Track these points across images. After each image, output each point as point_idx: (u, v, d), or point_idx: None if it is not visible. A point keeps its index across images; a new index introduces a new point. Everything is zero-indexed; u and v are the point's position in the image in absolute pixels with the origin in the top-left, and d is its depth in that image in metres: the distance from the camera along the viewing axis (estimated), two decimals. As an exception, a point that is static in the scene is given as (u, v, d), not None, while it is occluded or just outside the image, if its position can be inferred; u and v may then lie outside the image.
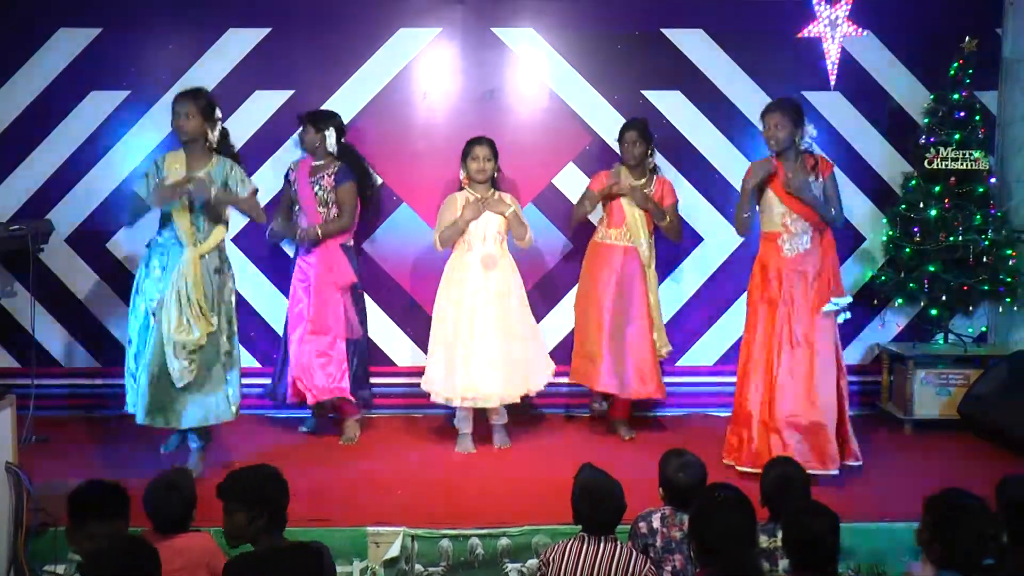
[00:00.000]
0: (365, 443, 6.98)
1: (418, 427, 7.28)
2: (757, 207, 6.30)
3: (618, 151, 7.11)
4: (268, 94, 7.44)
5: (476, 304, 6.68)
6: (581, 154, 7.59)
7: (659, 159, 7.29)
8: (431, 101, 7.55)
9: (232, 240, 7.07)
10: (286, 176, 6.94)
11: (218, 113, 6.01)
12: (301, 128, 6.90)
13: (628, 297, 6.93)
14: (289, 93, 7.44)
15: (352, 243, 6.96)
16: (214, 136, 5.96)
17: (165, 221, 6.00)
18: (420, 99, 7.53)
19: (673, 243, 7.05)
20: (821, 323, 6.11)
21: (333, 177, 6.73)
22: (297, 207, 6.83)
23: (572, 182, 7.51)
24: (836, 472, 5.97)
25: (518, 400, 6.74)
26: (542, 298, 7.55)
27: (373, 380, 7.24)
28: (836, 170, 6.33)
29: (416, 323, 7.46)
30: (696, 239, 7.69)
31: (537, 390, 6.85)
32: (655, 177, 7.00)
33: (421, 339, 7.39)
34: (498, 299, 6.72)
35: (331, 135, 6.78)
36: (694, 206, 7.60)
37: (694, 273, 7.71)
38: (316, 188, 6.76)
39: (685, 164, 7.58)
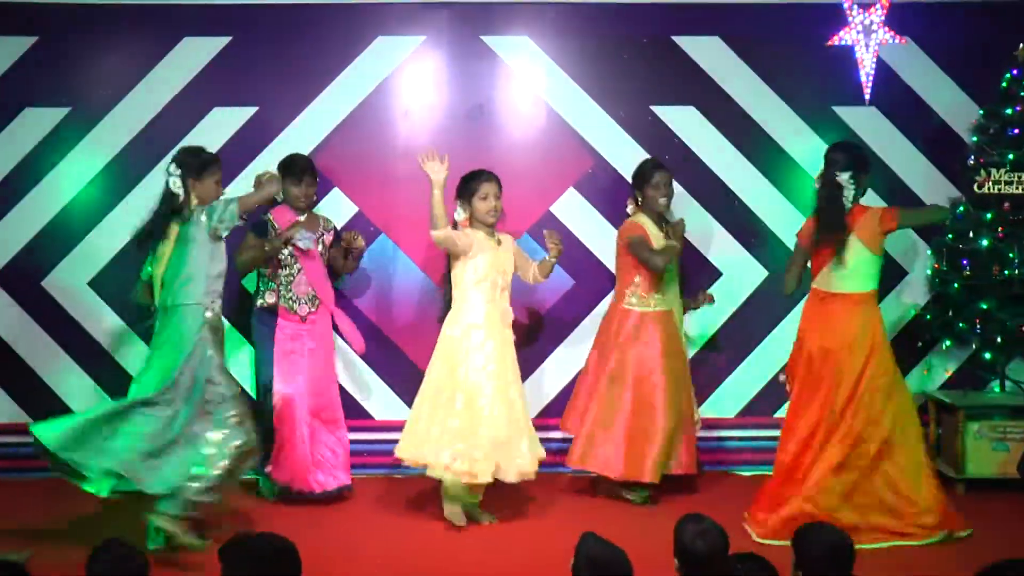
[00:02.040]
0: (342, 511, 6.70)
1: (401, 491, 6.99)
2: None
3: (621, 174, 7.08)
4: (228, 111, 7.34)
5: (483, 365, 6.36)
6: (583, 178, 7.45)
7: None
8: (413, 119, 7.45)
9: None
10: (264, 224, 6.78)
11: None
12: (290, 180, 6.73)
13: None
14: (252, 111, 7.35)
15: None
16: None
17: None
18: (401, 117, 7.45)
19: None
20: None
21: (332, 234, 6.92)
22: (295, 268, 6.76)
23: (573, 210, 7.37)
24: None
25: (531, 475, 6.40)
26: (545, 343, 7.47)
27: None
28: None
29: (396, 371, 7.29)
30: (714, 274, 7.52)
31: (532, 470, 6.47)
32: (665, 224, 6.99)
33: (403, 389, 7.27)
34: (505, 361, 6.45)
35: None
36: (711, 236, 7.48)
37: (713, 313, 7.44)
38: (319, 247, 6.82)
39: (700, 189, 7.43)
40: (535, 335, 7.42)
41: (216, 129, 7.27)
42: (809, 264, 6.30)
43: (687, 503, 6.51)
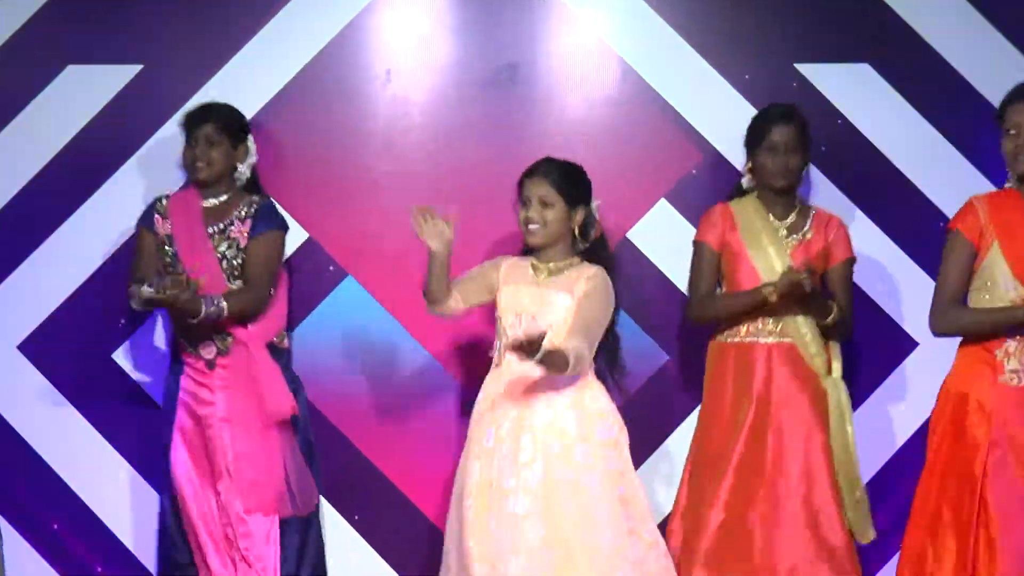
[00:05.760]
0: None
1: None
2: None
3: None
4: (94, 71, 6.16)
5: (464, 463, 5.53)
6: (682, 183, 6.06)
7: (824, 185, 6.11)
8: (399, 86, 6.20)
9: (18, 347, 6.23)
10: (146, 222, 5.97)
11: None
12: (190, 140, 5.92)
13: (778, 432, 5.81)
14: (134, 70, 6.15)
15: (287, 342, 5.98)
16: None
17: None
18: (379, 83, 6.21)
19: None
20: None
21: (250, 221, 5.84)
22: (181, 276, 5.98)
23: (664, 235, 5.97)
24: None
25: None
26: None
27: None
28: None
29: (373, 473, 6.17)
30: (906, 343, 6.08)
31: None
32: (813, 213, 5.87)
33: (383, 501, 6.27)
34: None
35: (253, 149, 5.97)
36: (895, 276, 6.16)
37: (905, 401, 6.19)
38: (223, 244, 5.83)
39: (874, 195, 6.14)
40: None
41: (71, 99, 6.08)
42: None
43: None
